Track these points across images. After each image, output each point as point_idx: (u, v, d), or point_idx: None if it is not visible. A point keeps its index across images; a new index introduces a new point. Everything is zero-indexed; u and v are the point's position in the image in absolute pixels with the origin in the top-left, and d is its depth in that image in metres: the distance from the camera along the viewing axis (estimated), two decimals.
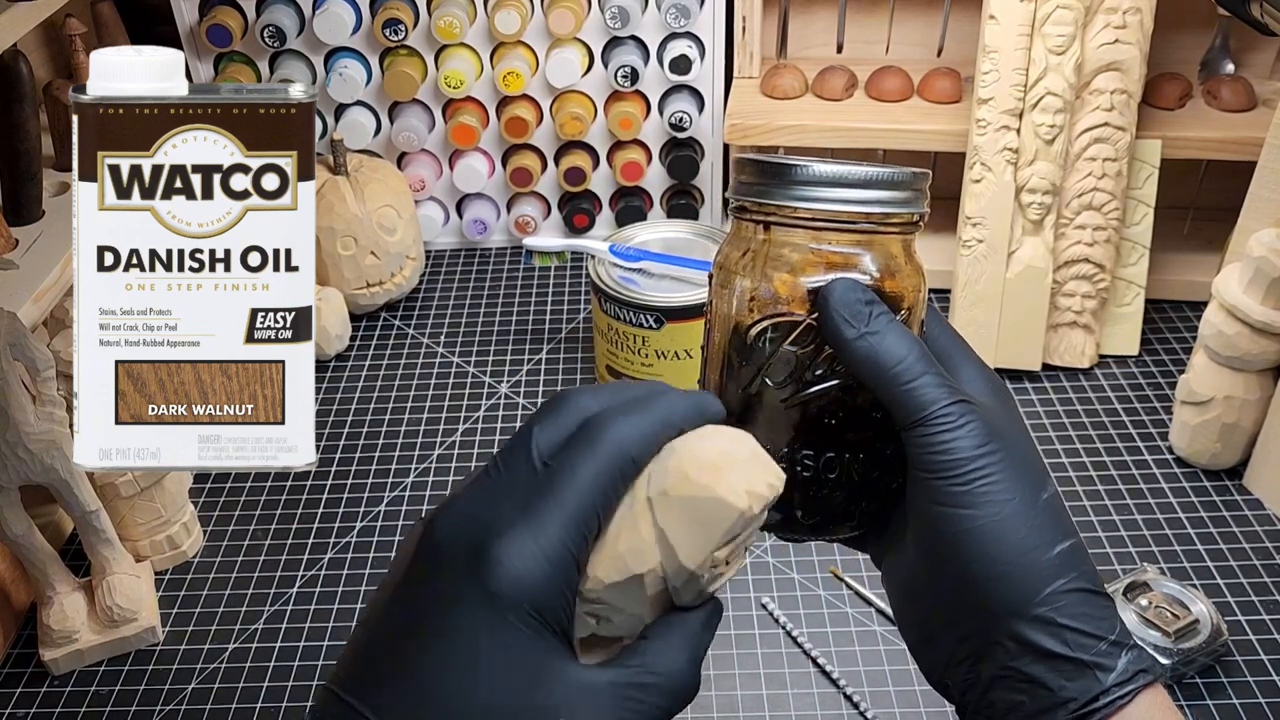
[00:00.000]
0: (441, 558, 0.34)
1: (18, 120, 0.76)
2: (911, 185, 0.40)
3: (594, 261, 0.86)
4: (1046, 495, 0.39)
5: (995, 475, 0.38)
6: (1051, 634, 0.37)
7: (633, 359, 0.84)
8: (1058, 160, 0.87)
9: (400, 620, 0.34)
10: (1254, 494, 0.78)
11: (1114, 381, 0.90)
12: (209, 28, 0.96)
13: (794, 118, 0.98)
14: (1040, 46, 0.85)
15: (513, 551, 0.33)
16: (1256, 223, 0.79)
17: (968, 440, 0.38)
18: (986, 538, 0.38)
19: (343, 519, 0.79)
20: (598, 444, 0.35)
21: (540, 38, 1.00)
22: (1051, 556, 0.38)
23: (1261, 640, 0.67)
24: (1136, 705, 0.37)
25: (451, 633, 0.33)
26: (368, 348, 0.97)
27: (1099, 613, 0.38)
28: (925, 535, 0.39)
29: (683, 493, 0.35)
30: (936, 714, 0.63)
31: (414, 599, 0.34)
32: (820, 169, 0.38)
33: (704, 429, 0.38)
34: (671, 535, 0.35)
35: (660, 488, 0.36)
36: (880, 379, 0.39)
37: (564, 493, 0.34)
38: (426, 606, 0.34)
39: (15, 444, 0.63)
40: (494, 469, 0.36)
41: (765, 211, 0.39)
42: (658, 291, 0.82)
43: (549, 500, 0.34)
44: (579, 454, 0.35)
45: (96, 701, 0.67)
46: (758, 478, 0.37)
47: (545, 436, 0.36)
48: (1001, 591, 0.38)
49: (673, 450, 0.36)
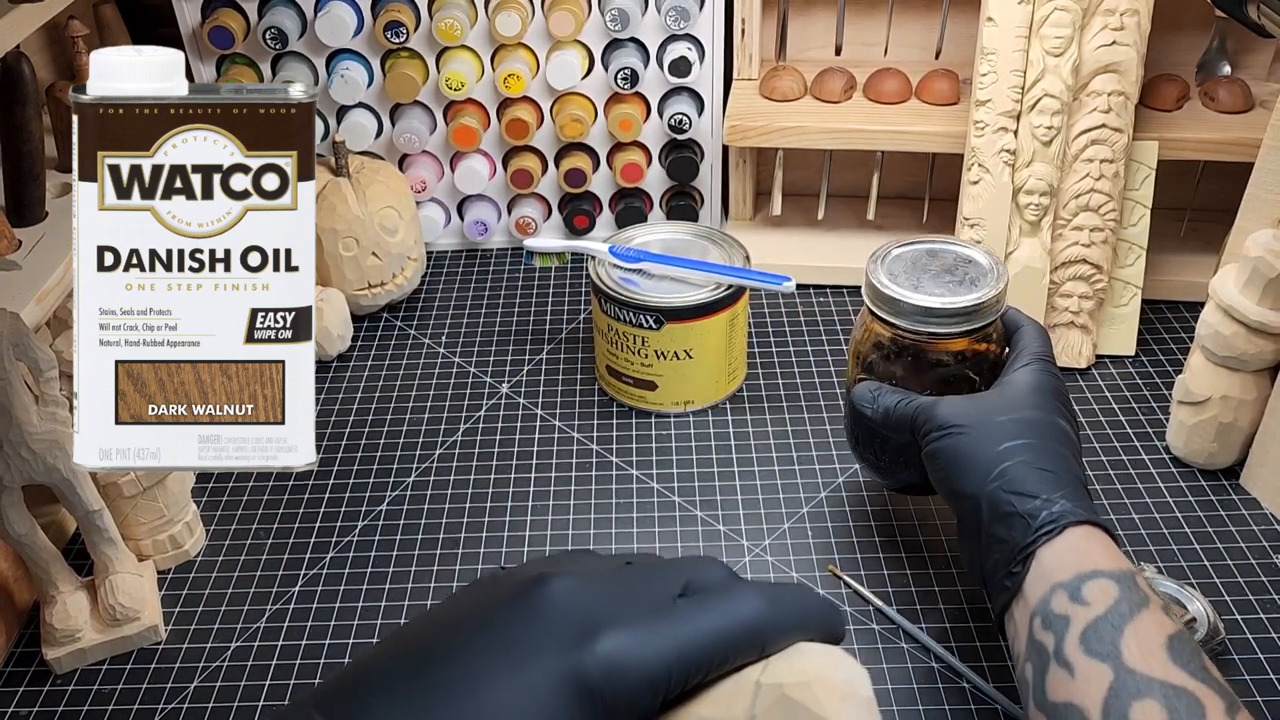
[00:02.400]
0: (544, 617, 0.33)
1: (20, 121, 0.76)
2: (964, 314, 0.64)
3: (594, 262, 0.86)
4: (1003, 418, 0.57)
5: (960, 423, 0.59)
6: (999, 500, 0.54)
7: (632, 359, 0.85)
8: (1055, 161, 0.87)
9: (465, 659, 0.33)
10: (1251, 493, 0.78)
11: (1111, 382, 0.90)
12: (211, 30, 0.97)
13: (793, 119, 0.98)
14: (1038, 48, 0.85)
15: (623, 645, 0.32)
16: (1253, 223, 0.79)
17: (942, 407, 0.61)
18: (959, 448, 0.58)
19: (345, 518, 0.79)
20: (737, 607, 0.35)
21: (541, 40, 1.01)
22: (1000, 450, 0.55)
23: (1258, 639, 0.67)
24: (1065, 537, 0.51)
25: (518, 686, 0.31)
26: (369, 348, 0.97)
27: (1038, 479, 0.53)
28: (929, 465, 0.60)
29: (797, 698, 0.34)
30: (936, 713, 0.64)
31: (488, 642, 0.33)
32: (904, 301, 0.65)
33: (834, 651, 0.37)
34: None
35: (776, 679, 0.34)
36: None
37: (688, 630, 0.34)
38: (499, 649, 0.32)
39: (18, 444, 0.63)
40: (626, 571, 0.36)
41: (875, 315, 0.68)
42: (657, 292, 0.83)
43: (673, 628, 0.34)
44: (718, 606, 0.35)
45: (99, 700, 0.67)
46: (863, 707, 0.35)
47: (689, 576, 0.36)
48: (969, 477, 0.56)
49: (800, 652, 0.36)
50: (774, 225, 1.09)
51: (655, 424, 0.87)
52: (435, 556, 0.76)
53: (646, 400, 0.87)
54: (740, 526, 0.77)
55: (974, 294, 0.65)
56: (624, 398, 0.89)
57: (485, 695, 0.31)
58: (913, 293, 0.65)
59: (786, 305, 1.01)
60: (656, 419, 0.87)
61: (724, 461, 0.83)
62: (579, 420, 0.88)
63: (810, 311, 1.00)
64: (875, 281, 0.66)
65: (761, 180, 1.11)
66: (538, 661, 0.32)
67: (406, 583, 0.74)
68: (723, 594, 0.36)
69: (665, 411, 0.87)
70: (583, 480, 0.82)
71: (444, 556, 0.76)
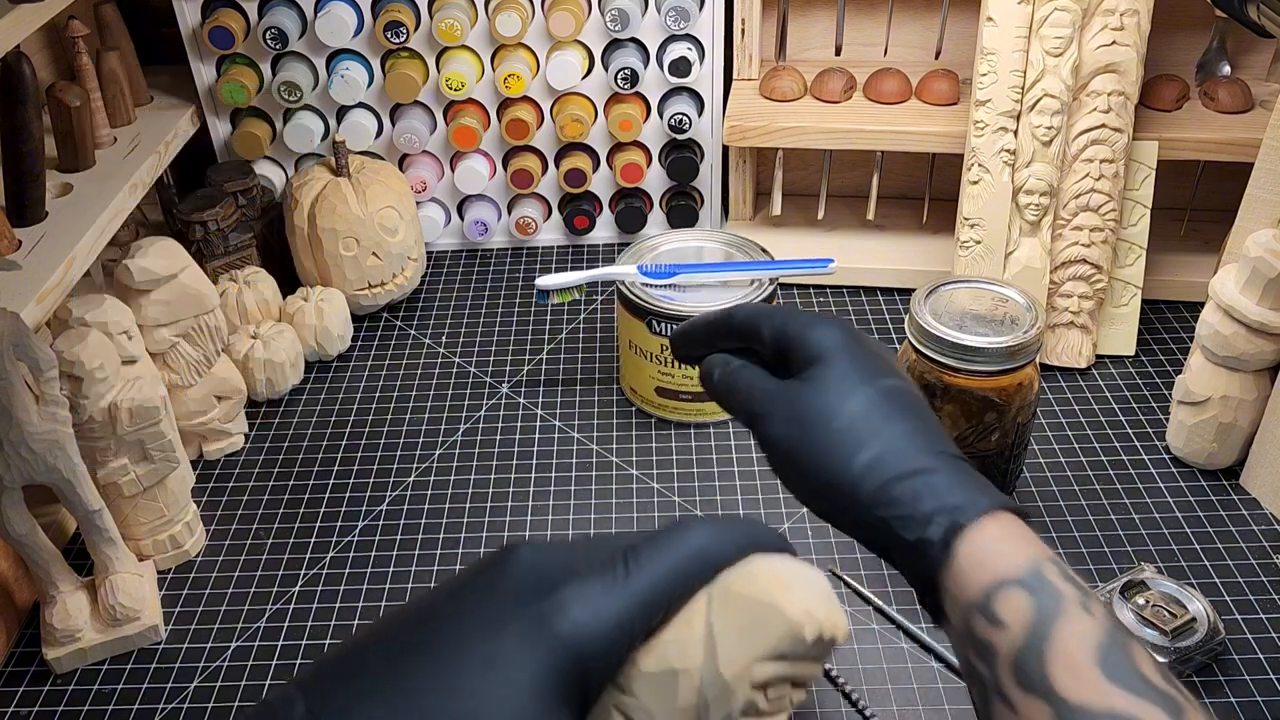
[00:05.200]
0: (508, 578, 0.35)
1: (21, 122, 0.76)
2: (993, 356, 0.67)
3: (625, 287, 0.83)
4: (838, 423, 0.46)
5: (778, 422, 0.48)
6: (882, 529, 0.44)
7: (691, 374, 0.83)
8: (1055, 161, 0.87)
9: (435, 627, 0.34)
10: (1251, 493, 0.78)
11: (1111, 382, 0.90)
12: (211, 30, 0.97)
13: (793, 119, 0.98)
14: (1038, 48, 0.85)
15: (583, 597, 0.34)
16: (1253, 223, 0.79)
17: None
18: (801, 464, 0.46)
19: (344, 518, 0.79)
20: (686, 538, 0.37)
21: (541, 40, 1.01)
22: (854, 472, 0.45)
23: (1258, 639, 0.67)
24: (961, 548, 0.42)
25: (489, 652, 0.33)
26: (369, 348, 0.97)
27: (909, 495, 0.43)
28: None
29: (742, 590, 0.35)
30: (935, 713, 0.64)
31: (462, 605, 0.34)
32: (948, 341, 0.68)
33: (783, 556, 0.38)
34: (718, 633, 0.35)
35: (723, 583, 0.36)
36: None
37: (642, 574, 0.36)
38: (469, 610, 0.34)
39: (18, 443, 0.63)
40: (583, 539, 0.38)
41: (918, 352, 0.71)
42: (703, 302, 0.81)
43: (630, 571, 0.35)
44: (667, 542, 0.37)
45: (99, 700, 0.67)
46: (822, 607, 0.36)
47: (636, 539, 0.38)
48: (838, 508, 0.45)
49: (748, 561, 0.37)
50: (774, 225, 1.10)
51: (655, 425, 0.87)
52: (435, 556, 0.76)
53: (704, 413, 0.86)
54: None
55: None
56: (680, 415, 0.86)
57: (457, 659, 0.33)
58: None
59: (786, 306, 1.01)
60: (657, 422, 0.87)
61: (724, 461, 0.83)
62: (579, 420, 0.88)
63: (809, 312, 1.00)
64: None
65: (761, 180, 1.11)
66: (506, 620, 0.34)
67: (406, 583, 0.74)
68: (669, 531, 0.38)
69: (721, 420, 0.86)
70: (582, 480, 0.82)
71: (444, 556, 0.76)
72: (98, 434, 0.70)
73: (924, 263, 1.02)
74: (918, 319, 0.69)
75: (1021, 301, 0.70)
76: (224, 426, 0.85)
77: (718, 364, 0.53)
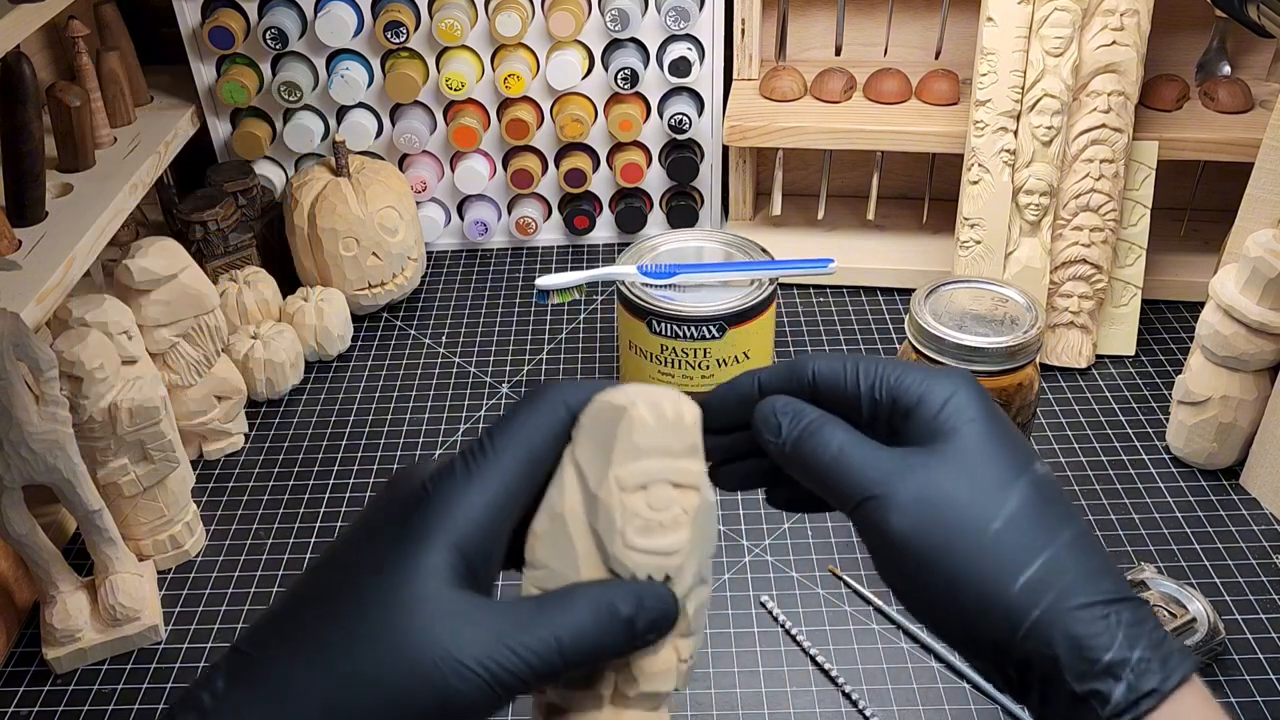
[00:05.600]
0: (383, 501, 0.35)
1: (21, 122, 0.76)
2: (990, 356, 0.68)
3: (625, 287, 0.83)
4: (997, 525, 0.36)
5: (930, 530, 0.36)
6: (1041, 664, 0.34)
7: (693, 374, 0.83)
8: (1055, 161, 0.87)
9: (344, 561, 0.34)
10: (1251, 493, 0.78)
11: (1111, 382, 0.90)
12: (211, 30, 0.97)
13: (793, 119, 0.98)
14: (1038, 48, 0.85)
15: (445, 486, 0.34)
16: (1253, 223, 0.79)
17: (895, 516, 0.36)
18: (940, 570, 0.36)
19: (344, 518, 0.79)
20: (536, 400, 0.36)
21: (541, 40, 1.01)
22: (1016, 590, 0.35)
23: (1258, 639, 0.67)
24: (1160, 718, 0.33)
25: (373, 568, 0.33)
26: (369, 348, 0.97)
27: (1090, 632, 0.34)
28: None
29: (591, 413, 0.35)
30: (935, 713, 0.64)
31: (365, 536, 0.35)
32: (949, 341, 0.68)
33: (641, 384, 0.37)
34: (581, 462, 0.35)
35: (578, 425, 0.35)
36: None
37: (501, 439, 0.35)
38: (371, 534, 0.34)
39: (18, 443, 0.63)
40: None
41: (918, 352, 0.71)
42: (704, 301, 0.81)
43: (490, 448, 0.35)
44: (518, 409, 0.36)
45: (99, 700, 0.67)
46: (665, 399, 0.35)
47: None
48: (981, 631, 0.35)
49: (598, 396, 0.36)
50: (774, 225, 1.10)
51: None
52: None
53: None
54: (740, 526, 0.77)
55: None
56: None
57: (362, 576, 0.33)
58: None
59: (786, 306, 1.01)
60: None
61: None
62: None
63: (810, 312, 1.00)
64: None
65: (761, 180, 1.11)
66: (399, 539, 0.33)
67: None
68: (524, 398, 0.37)
69: None
70: None
71: None
72: (98, 434, 0.70)
73: (924, 263, 1.02)
74: (918, 319, 0.69)
75: (1021, 301, 0.70)
76: (224, 426, 0.85)
77: (784, 412, 0.39)
